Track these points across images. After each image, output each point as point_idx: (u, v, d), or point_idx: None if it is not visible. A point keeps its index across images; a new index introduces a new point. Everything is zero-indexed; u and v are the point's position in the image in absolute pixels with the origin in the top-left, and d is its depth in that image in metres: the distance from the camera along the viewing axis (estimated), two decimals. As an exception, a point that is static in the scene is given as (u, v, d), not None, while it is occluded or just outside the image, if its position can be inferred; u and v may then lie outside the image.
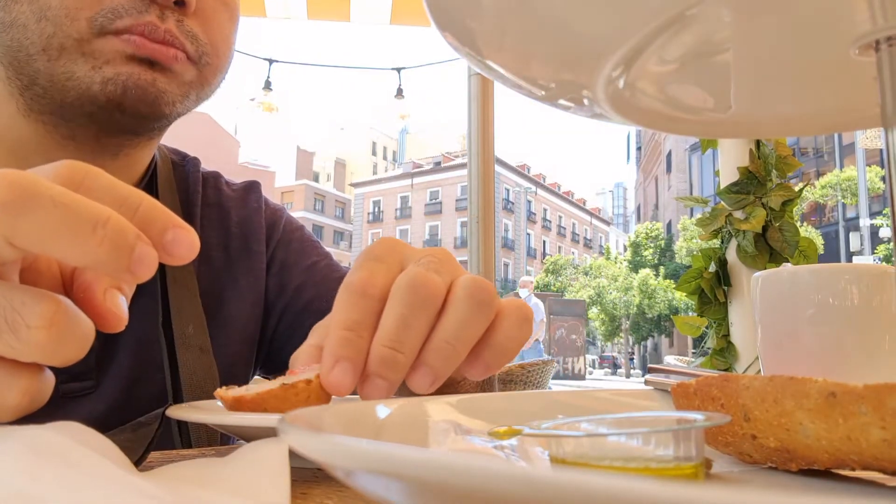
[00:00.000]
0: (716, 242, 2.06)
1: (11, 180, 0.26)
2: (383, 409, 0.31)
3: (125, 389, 0.60)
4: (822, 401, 0.25)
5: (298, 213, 45.74)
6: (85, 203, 0.27)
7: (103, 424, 0.30)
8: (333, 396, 0.37)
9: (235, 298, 0.70)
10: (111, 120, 0.57)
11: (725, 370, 1.90)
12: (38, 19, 0.54)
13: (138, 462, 0.33)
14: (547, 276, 35.50)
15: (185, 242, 0.29)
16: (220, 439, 0.65)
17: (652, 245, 33.40)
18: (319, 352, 0.37)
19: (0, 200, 0.26)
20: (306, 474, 0.37)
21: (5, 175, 0.26)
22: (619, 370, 35.82)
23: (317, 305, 0.73)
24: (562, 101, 0.38)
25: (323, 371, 0.35)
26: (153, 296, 0.63)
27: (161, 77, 0.56)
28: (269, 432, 0.35)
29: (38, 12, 0.54)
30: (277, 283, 0.74)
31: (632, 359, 35.43)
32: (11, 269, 0.30)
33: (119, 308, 0.31)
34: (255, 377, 0.77)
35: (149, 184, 0.68)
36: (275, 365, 0.75)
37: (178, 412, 0.42)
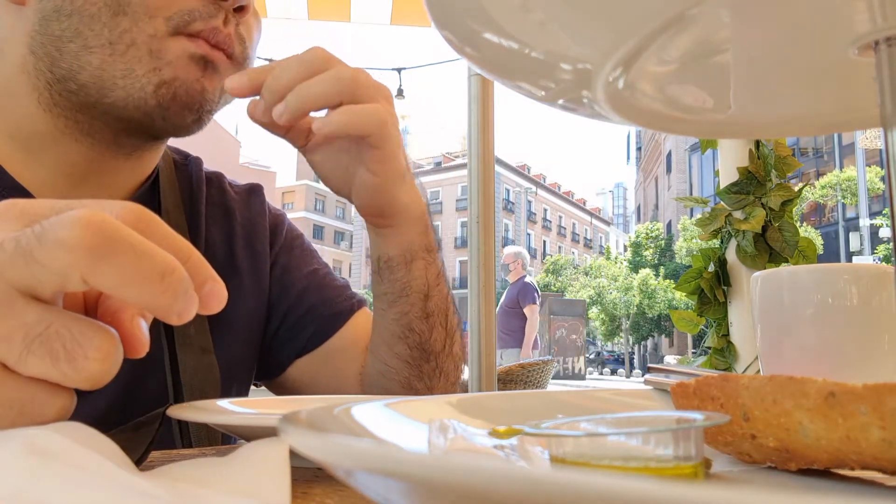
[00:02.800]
0: (715, 242, 2.06)
1: (97, 224, 0.27)
2: (384, 409, 0.31)
3: (125, 389, 0.60)
4: (821, 400, 0.25)
5: (299, 214, 45.69)
6: (158, 252, 0.29)
7: (103, 424, 0.30)
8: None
9: (240, 299, 0.70)
10: (145, 126, 0.58)
11: (725, 370, 1.90)
12: (115, 13, 0.54)
13: (139, 462, 0.33)
14: (547, 276, 35.48)
15: (217, 295, 0.32)
16: (221, 439, 0.65)
17: (652, 245, 33.39)
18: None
19: (87, 244, 0.27)
20: (307, 474, 0.37)
21: (90, 219, 0.27)
22: (619, 370, 35.81)
23: (319, 311, 0.73)
24: (561, 102, 0.38)
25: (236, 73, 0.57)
26: None
27: (209, 82, 0.58)
28: (270, 432, 0.35)
29: (114, 6, 0.54)
30: (280, 286, 0.74)
31: (632, 358, 35.41)
32: (59, 296, 0.31)
33: (144, 334, 0.32)
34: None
35: (153, 183, 0.68)
36: (269, 368, 0.75)
37: (179, 412, 0.42)
